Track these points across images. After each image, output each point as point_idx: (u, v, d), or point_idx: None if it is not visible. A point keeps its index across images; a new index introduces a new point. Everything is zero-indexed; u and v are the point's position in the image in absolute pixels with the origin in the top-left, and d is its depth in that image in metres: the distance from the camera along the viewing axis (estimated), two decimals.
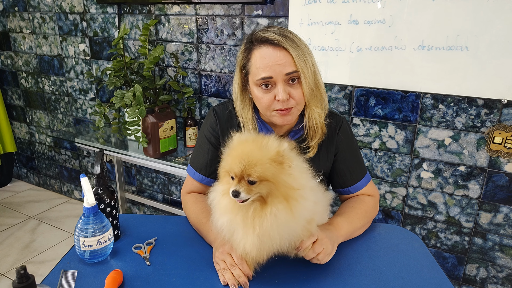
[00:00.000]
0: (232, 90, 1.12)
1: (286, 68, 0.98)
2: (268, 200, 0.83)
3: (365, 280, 0.92)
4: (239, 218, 0.85)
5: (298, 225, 0.86)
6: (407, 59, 1.61)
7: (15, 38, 2.91)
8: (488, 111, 1.56)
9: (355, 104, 1.80)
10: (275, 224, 0.82)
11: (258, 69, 1.00)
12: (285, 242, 0.86)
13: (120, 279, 0.89)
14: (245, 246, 0.85)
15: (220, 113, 1.16)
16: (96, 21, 2.43)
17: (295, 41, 0.99)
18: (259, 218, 0.83)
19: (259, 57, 1.00)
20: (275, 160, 0.82)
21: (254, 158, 0.81)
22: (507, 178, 1.59)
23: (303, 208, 0.84)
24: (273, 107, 1.02)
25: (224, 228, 0.89)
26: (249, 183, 0.81)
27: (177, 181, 2.49)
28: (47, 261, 2.33)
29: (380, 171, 1.84)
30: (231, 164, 0.83)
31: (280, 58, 0.98)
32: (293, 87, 1.01)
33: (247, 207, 0.84)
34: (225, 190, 0.88)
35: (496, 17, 1.43)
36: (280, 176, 0.82)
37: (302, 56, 0.98)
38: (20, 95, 3.11)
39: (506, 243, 1.67)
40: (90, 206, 0.93)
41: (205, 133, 1.17)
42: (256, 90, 1.03)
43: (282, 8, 1.82)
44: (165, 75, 2.27)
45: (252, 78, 1.03)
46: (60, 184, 3.20)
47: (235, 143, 0.88)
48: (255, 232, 0.83)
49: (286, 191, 0.83)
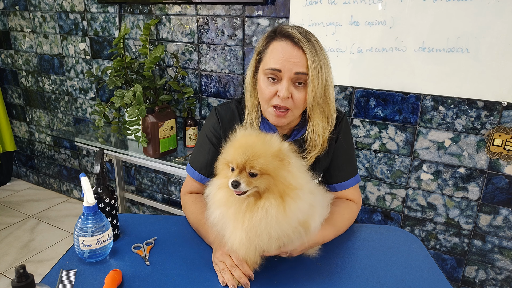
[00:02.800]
0: (246, 75, 1.12)
1: (297, 68, 0.98)
2: (263, 196, 0.83)
3: (364, 281, 0.92)
4: (231, 212, 0.84)
5: (289, 225, 0.84)
6: (407, 61, 1.61)
7: (15, 37, 2.91)
8: (488, 113, 1.56)
9: (355, 105, 1.80)
10: (264, 219, 0.81)
11: (271, 59, 1.01)
12: (273, 242, 0.84)
13: (119, 279, 0.88)
14: (233, 243, 0.85)
15: (222, 113, 1.15)
16: (97, 21, 2.43)
17: (315, 48, 0.99)
18: (250, 212, 0.82)
19: (276, 49, 1.01)
20: (277, 156, 0.82)
21: (258, 151, 0.81)
22: (507, 180, 1.59)
23: (297, 208, 0.83)
24: (272, 101, 1.03)
25: (217, 222, 0.88)
26: (250, 175, 0.81)
27: (176, 181, 2.49)
28: (46, 260, 2.33)
29: (380, 172, 1.84)
30: (233, 154, 0.83)
31: (295, 56, 0.98)
32: (297, 89, 1.01)
33: (241, 201, 0.84)
34: (222, 183, 0.88)
35: (497, 19, 1.43)
36: (281, 172, 0.82)
37: (317, 64, 0.98)
38: (20, 94, 3.11)
39: (505, 245, 1.67)
40: (89, 205, 0.93)
41: (206, 132, 1.16)
42: (262, 80, 1.04)
43: (283, 9, 1.82)
44: (166, 75, 2.27)
45: (263, 66, 1.04)
46: (59, 183, 3.20)
47: (239, 136, 0.88)
48: (243, 227, 0.82)
49: (284, 188, 0.82)
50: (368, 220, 1.95)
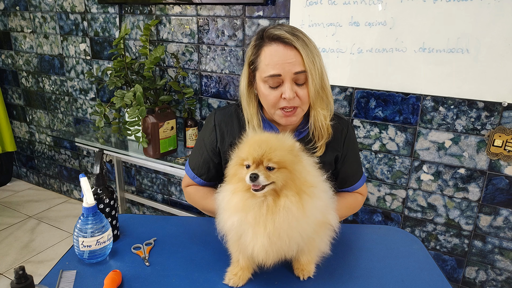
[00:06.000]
0: (240, 85, 1.13)
1: (295, 67, 0.99)
2: (281, 193, 0.80)
3: (364, 282, 0.92)
4: (251, 217, 0.80)
5: (308, 225, 0.81)
6: (407, 61, 1.61)
7: (16, 37, 2.91)
8: (488, 113, 1.56)
9: (356, 106, 1.80)
10: (287, 220, 0.78)
11: (268, 66, 1.00)
12: (294, 245, 0.83)
13: (119, 280, 0.88)
14: (253, 249, 0.81)
15: (220, 118, 1.17)
16: (97, 21, 2.43)
17: (305, 41, 1.00)
18: (271, 214, 0.79)
19: (269, 54, 1.00)
20: (292, 150, 0.82)
21: (274, 144, 0.80)
22: (507, 181, 1.59)
23: (314, 207, 0.81)
24: (278, 105, 1.03)
25: (234, 229, 0.84)
26: (268, 169, 0.79)
27: (176, 182, 2.49)
28: (46, 261, 2.33)
29: (380, 173, 1.84)
30: (248, 150, 0.81)
31: (290, 57, 0.98)
32: (299, 86, 1.02)
33: (259, 204, 0.80)
34: (236, 188, 0.85)
35: (497, 20, 1.43)
36: (297, 166, 0.81)
37: (311, 57, 0.99)
38: (21, 94, 3.11)
39: (505, 246, 1.66)
40: (89, 206, 0.93)
41: (203, 136, 1.20)
42: (263, 87, 1.04)
43: (283, 9, 1.82)
44: (166, 76, 2.27)
45: (260, 75, 1.03)
46: (59, 183, 3.20)
47: (251, 135, 0.87)
48: (266, 231, 0.79)
49: (300, 184, 0.80)
50: (368, 220, 1.95)
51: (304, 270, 0.92)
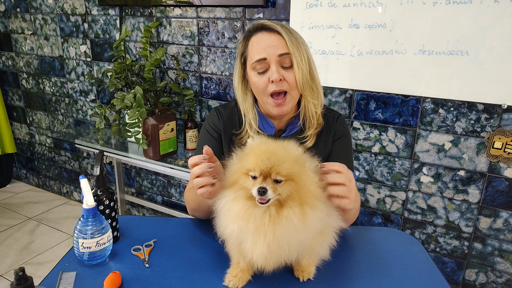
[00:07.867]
0: (233, 80, 1.17)
1: (279, 50, 1.04)
2: (285, 204, 0.80)
3: (364, 284, 0.92)
4: (251, 225, 0.80)
5: (307, 235, 0.81)
6: (407, 64, 1.61)
7: (16, 39, 2.92)
8: (488, 116, 1.56)
9: (355, 108, 1.80)
10: (287, 230, 0.78)
11: (254, 52, 1.06)
12: (293, 253, 0.83)
13: (119, 281, 0.88)
14: (252, 255, 0.81)
15: (222, 112, 1.20)
16: (98, 23, 2.44)
17: (289, 29, 1.06)
18: (273, 224, 0.79)
19: (255, 42, 1.07)
20: (298, 160, 0.82)
21: (282, 156, 0.79)
22: (507, 183, 1.59)
23: (315, 218, 0.81)
24: (268, 90, 1.06)
25: (234, 236, 0.84)
26: (275, 182, 0.78)
27: (176, 183, 2.49)
28: (46, 262, 2.33)
29: (380, 175, 1.84)
30: (255, 162, 0.79)
31: (273, 41, 1.04)
32: (286, 70, 1.06)
33: (261, 213, 0.80)
34: (238, 195, 0.83)
35: (497, 22, 1.43)
36: (303, 177, 0.81)
37: (295, 42, 1.05)
38: (21, 96, 3.11)
39: (505, 248, 1.66)
40: (89, 207, 0.93)
41: (206, 128, 1.20)
42: (253, 75, 1.08)
43: (283, 12, 1.83)
44: (166, 77, 2.28)
45: (249, 63, 1.08)
46: (59, 185, 3.20)
47: (256, 143, 0.86)
48: (265, 240, 0.79)
49: (304, 195, 0.80)
50: (368, 222, 1.94)
51: (304, 271, 0.92)
